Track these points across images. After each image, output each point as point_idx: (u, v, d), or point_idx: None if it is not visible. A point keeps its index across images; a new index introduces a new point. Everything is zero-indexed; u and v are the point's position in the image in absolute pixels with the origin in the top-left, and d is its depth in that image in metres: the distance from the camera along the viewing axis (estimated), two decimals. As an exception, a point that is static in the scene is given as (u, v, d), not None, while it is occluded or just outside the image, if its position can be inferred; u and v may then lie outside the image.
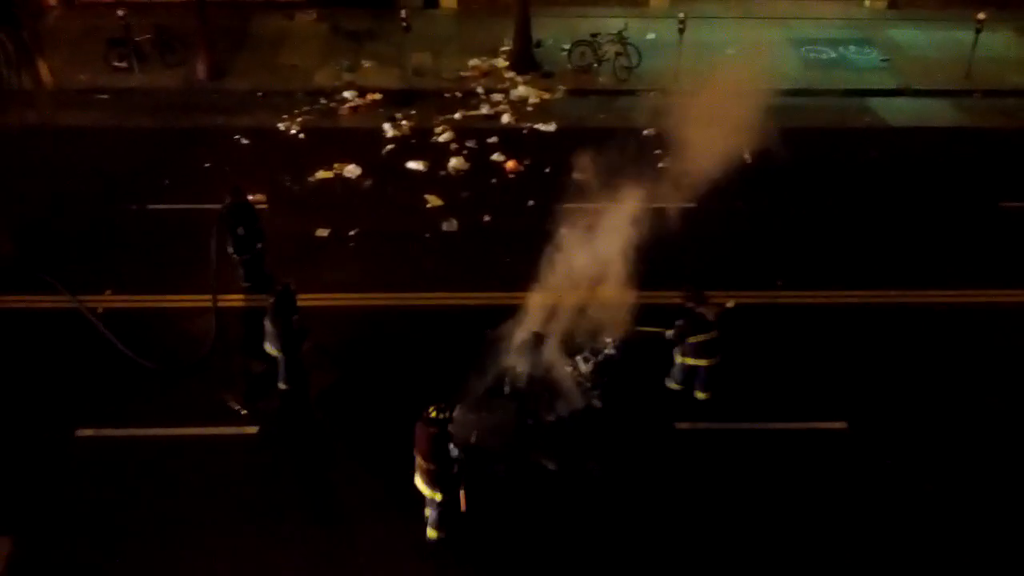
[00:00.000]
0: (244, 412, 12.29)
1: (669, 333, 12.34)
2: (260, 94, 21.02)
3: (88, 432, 11.95)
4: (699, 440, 12.04)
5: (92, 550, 10.46)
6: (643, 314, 12.83)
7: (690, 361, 12.28)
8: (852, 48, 23.33)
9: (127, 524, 10.76)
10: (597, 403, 12.30)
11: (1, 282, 14.36)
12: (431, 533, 10.59)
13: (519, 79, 21.74)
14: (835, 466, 11.70)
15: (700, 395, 12.54)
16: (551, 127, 19.80)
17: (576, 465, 11.44)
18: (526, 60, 22.16)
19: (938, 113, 20.87)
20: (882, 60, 22.82)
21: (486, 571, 10.37)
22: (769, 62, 17.56)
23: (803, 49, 23.19)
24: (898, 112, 20.86)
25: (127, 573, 10.24)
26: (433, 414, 10.08)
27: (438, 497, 10.27)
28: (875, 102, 21.21)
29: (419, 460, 10.28)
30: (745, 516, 11.01)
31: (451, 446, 10.20)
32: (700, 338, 12.12)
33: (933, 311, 14.35)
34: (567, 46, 22.46)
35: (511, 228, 16.13)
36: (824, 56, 22.97)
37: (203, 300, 14.05)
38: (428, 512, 10.53)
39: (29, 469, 11.48)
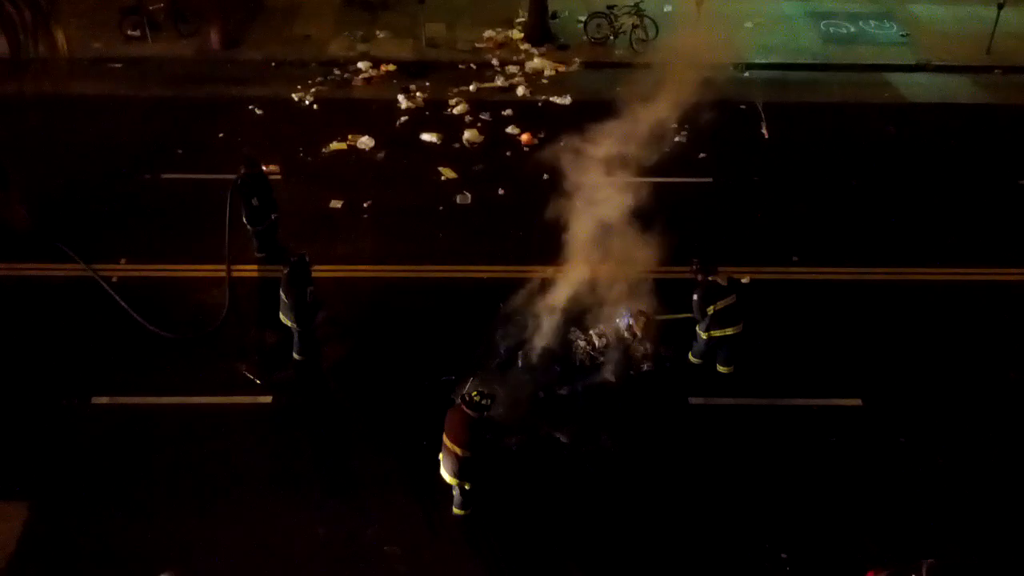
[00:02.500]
0: (259, 381, 12.35)
1: (693, 313, 12.23)
2: (274, 64, 20.91)
3: (104, 400, 12.04)
4: (712, 415, 12.01)
5: (107, 516, 10.55)
6: (657, 289, 12.79)
7: (716, 333, 12.11)
8: (872, 22, 23.04)
9: (142, 491, 10.84)
10: (610, 377, 12.29)
11: (16, 251, 14.38)
12: (456, 511, 10.54)
13: (534, 51, 21.54)
14: (850, 443, 11.65)
15: (723, 369, 12.44)
16: (566, 100, 19.63)
17: (588, 439, 11.44)
18: (542, 32, 21.96)
19: (958, 89, 20.61)
20: (902, 35, 22.52)
21: (497, 544, 10.38)
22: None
23: (823, 23, 22.92)
24: (917, 88, 20.61)
25: (141, 539, 10.30)
26: (476, 397, 9.88)
27: (467, 486, 10.14)
28: (894, 77, 20.95)
29: (450, 446, 10.02)
30: (758, 492, 11.00)
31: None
32: (720, 304, 12.01)
33: (949, 289, 14.25)
34: (583, 18, 22.26)
35: (525, 201, 16.05)
36: (844, 30, 22.70)
37: (217, 270, 14.08)
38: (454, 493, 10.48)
39: (45, 436, 11.56)
